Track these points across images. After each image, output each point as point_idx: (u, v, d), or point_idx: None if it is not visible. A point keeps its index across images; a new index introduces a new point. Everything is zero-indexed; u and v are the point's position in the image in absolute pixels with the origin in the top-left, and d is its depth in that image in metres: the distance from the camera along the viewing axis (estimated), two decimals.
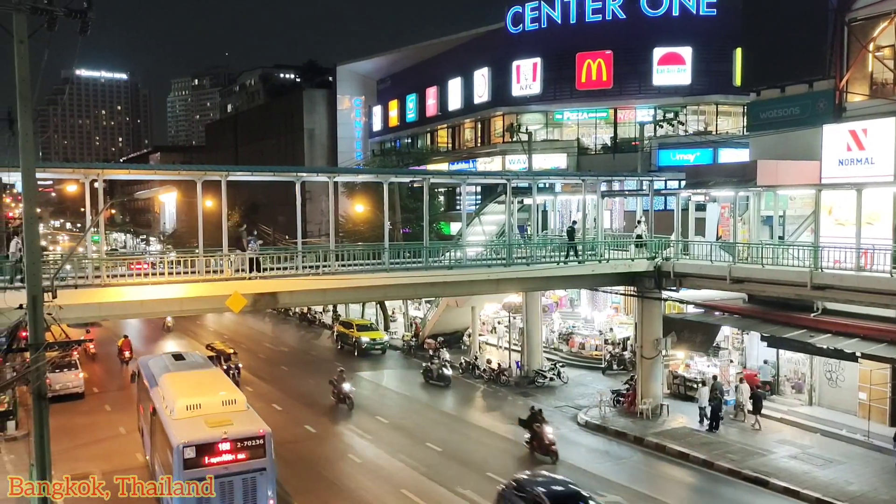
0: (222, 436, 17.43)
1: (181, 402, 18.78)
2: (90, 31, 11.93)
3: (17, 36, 11.27)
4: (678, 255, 28.13)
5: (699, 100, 45.44)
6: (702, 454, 23.46)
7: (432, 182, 31.19)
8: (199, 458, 17.06)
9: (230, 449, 17.42)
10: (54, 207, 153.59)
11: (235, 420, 18.34)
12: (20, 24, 11.29)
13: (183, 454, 16.95)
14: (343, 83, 70.57)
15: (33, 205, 12.19)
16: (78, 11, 11.64)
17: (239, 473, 17.40)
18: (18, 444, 25.11)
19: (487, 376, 34.48)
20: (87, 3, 11.65)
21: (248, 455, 17.56)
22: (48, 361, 11.90)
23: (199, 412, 18.58)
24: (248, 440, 17.71)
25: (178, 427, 17.84)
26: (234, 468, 17.37)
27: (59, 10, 11.47)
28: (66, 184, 70.91)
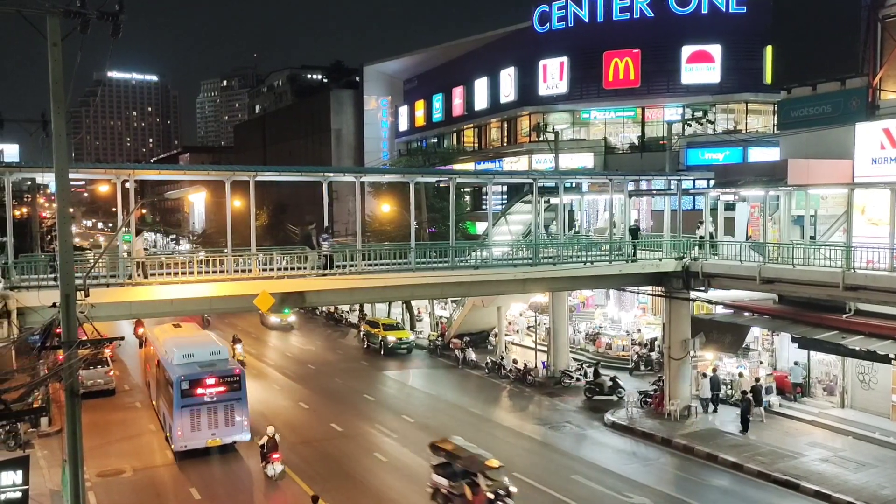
0: (208, 373, 24.48)
1: (178, 352, 25.61)
2: (122, 33, 12.09)
3: (51, 39, 11.44)
4: (707, 255, 27.85)
5: (728, 98, 44.89)
6: (731, 456, 23.20)
7: (458, 182, 31.19)
8: (192, 389, 24.14)
9: (214, 383, 24.41)
10: (87, 207, 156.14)
11: (219, 364, 25.39)
12: (53, 27, 11.46)
13: (180, 386, 23.94)
14: (370, 83, 70.82)
15: (67, 204, 12.38)
16: (110, 14, 11.80)
17: (221, 401, 24.37)
18: (52, 440, 25.56)
19: (513, 376, 34.40)
20: (118, 5, 11.80)
21: (227, 388, 24.55)
22: (81, 359, 12.07)
23: (192, 359, 25.41)
24: (228, 377, 24.72)
25: (177, 369, 24.69)
26: (218, 397, 24.33)
27: (92, 13, 11.63)
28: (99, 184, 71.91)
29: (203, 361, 25.35)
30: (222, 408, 24.39)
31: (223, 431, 24.41)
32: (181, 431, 23.91)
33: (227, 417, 24.39)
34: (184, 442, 23.98)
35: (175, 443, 24.17)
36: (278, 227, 66.89)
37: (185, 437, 24.00)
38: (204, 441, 24.25)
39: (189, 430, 23.97)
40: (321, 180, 25.00)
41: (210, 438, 24.27)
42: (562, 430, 27.17)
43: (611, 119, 48.51)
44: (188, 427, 23.93)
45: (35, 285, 19.09)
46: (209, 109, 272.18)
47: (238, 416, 24.54)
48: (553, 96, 49.06)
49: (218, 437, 24.37)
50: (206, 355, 25.79)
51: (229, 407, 24.49)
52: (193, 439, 24.08)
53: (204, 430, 24.15)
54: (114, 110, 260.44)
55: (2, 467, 11.57)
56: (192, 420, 23.92)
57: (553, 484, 21.59)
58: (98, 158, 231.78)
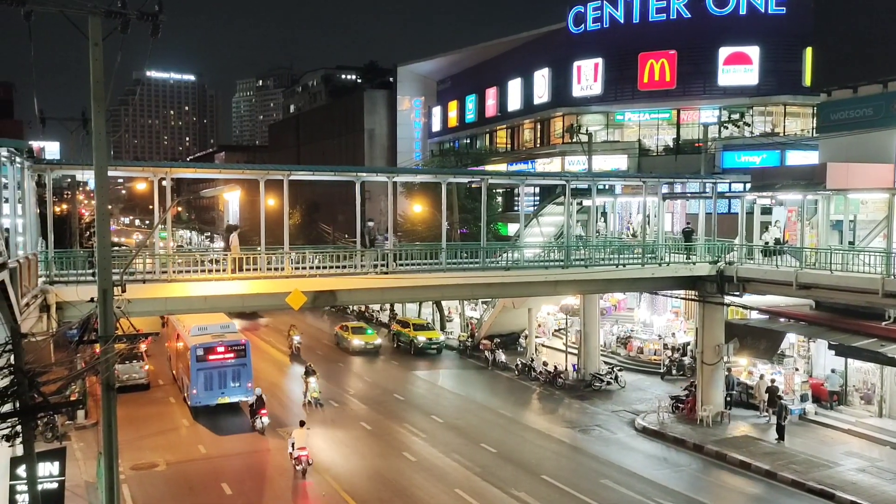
0: (219, 343, 29.29)
1: (195, 327, 30.27)
2: (161, 33, 12.27)
3: (92, 39, 11.62)
4: (742, 259, 27.45)
5: (766, 100, 44.20)
6: (764, 464, 22.83)
7: (490, 182, 31.12)
8: (206, 355, 28.86)
9: (224, 351, 29.22)
10: (124, 204, 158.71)
11: (228, 336, 30.12)
12: (95, 28, 11.64)
13: (196, 353, 28.77)
14: (403, 84, 71.00)
15: (105, 202, 12.58)
16: (150, 14, 11.96)
17: (229, 365, 29.06)
18: (87, 432, 26.04)
19: (543, 378, 34.24)
20: (158, 6, 11.97)
21: (235, 355, 29.31)
22: (117, 353, 12.25)
23: (206, 332, 30.01)
24: (235, 346, 29.61)
25: (193, 340, 29.47)
26: (227, 363, 29.03)
27: (132, 13, 11.81)
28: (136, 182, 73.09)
29: (215, 333, 30.11)
30: (230, 371, 29.14)
31: (231, 391, 29.19)
32: (196, 391, 28.72)
33: (234, 379, 29.11)
34: (199, 399, 28.78)
35: (192, 400, 29.08)
36: (311, 226, 67.38)
37: (200, 395, 28.77)
38: (215, 399, 28.94)
39: (203, 390, 28.75)
40: (354, 180, 25.15)
41: (220, 397, 29.00)
42: (591, 434, 26.98)
43: (645, 121, 48.04)
44: (202, 387, 28.68)
45: (74, 280, 19.47)
46: (244, 109, 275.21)
47: (243, 378, 29.33)
48: (587, 97, 48.74)
49: (227, 396, 29.09)
50: (218, 329, 30.50)
51: (236, 371, 29.22)
52: (207, 398, 28.85)
53: (215, 389, 28.93)
54: (152, 109, 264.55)
55: (39, 458, 11.79)
56: (206, 381, 28.73)
57: (582, 488, 21.44)
58: (136, 156, 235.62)
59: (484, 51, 61.07)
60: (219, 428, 27.74)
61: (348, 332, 42.88)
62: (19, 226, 18.77)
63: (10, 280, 12.77)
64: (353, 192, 24.97)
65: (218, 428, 27.73)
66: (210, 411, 29.13)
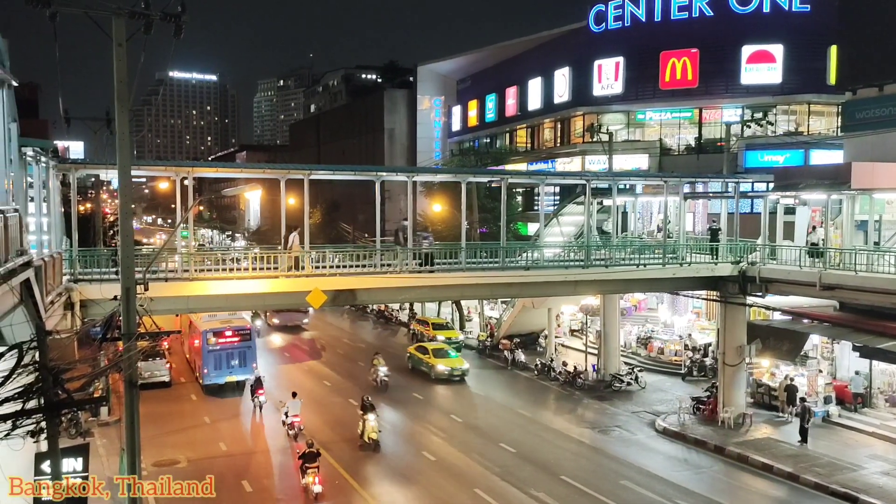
0: (227, 327, 32.54)
1: (206, 314, 32.96)
2: (183, 34, 12.37)
3: (116, 39, 11.75)
4: (765, 259, 27.19)
5: (790, 99, 43.75)
6: (787, 467, 22.59)
7: (510, 182, 31.06)
8: (215, 339, 32.09)
9: (231, 335, 32.44)
10: (147, 203, 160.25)
11: (236, 322, 33.25)
12: (119, 28, 11.76)
13: (206, 336, 32.07)
14: (423, 83, 71.08)
15: (129, 201, 12.71)
16: (172, 15, 12.07)
17: (236, 348, 32.34)
18: (110, 429, 26.32)
19: (563, 379, 34.12)
20: (181, 7, 12.08)
21: (241, 338, 32.57)
22: (139, 351, 12.37)
23: (216, 318, 33.23)
24: (241, 330, 32.89)
25: (204, 325, 32.86)
26: (233, 345, 32.34)
27: (156, 14, 11.92)
28: (159, 181, 73.83)
29: (223, 319, 33.17)
30: (237, 353, 32.40)
31: (237, 371, 32.32)
32: (207, 370, 32.06)
33: (240, 360, 32.34)
34: (210, 379, 32.08)
35: (204, 379, 32.36)
36: (331, 225, 67.66)
37: (210, 374, 32.07)
38: (224, 378, 32.16)
39: (213, 370, 32.02)
40: (374, 179, 25.21)
41: (228, 376, 32.17)
42: (611, 435, 26.85)
43: (667, 120, 47.74)
44: (212, 367, 32.02)
45: (97, 278, 19.69)
46: (265, 108, 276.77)
47: (249, 359, 32.65)
48: (608, 97, 48.51)
49: (234, 375, 32.27)
50: (226, 315, 33.21)
51: (242, 353, 32.53)
52: (217, 377, 32.09)
53: (224, 369, 32.14)
54: (174, 109, 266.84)
55: (63, 454, 11.92)
56: (216, 362, 32.07)
57: (601, 488, 21.35)
58: (158, 156, 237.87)
59: (504, 50, 60.97)
60: (242, 429, 27.94)
61: (428, 356, 35.30)
62: (44, 224, 19.01)
63: (36, 278, 12.93)
64: (373, 191, 25.04)
65: (242, 429, 27.93)
66: (231, 413, 29.28)
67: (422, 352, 36.29)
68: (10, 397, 9.24)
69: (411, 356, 36.82)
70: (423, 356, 35.80)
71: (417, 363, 36.11)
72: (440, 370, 34.49)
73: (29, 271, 12.09)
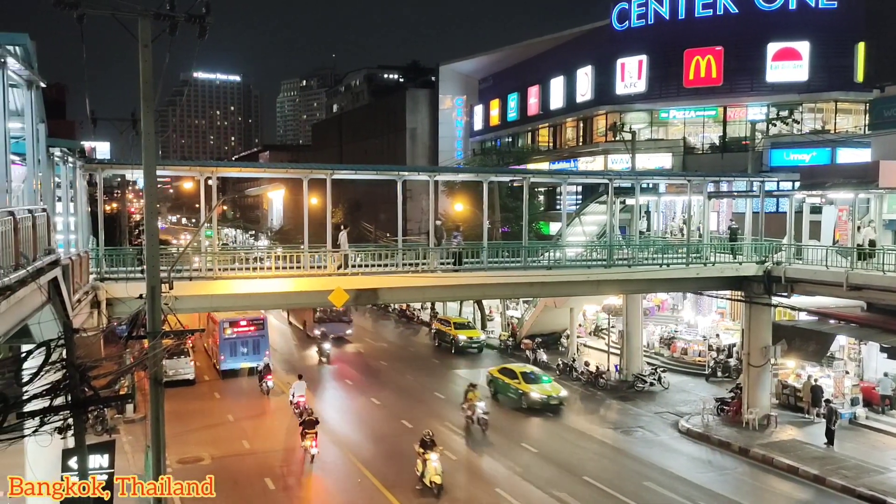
0: (242, 317, 35.11)
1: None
2: (207, 35, 12.47)
3: (142, 40, 11.87)
4: (790, 259, 26.87)
5: (816, 97, 43.16)
6: (813, 469, 22.31)
7: (532, 181, 30.99)
8: (231, 328, 34.94)
9: (246, 325, 35.16)
10: (171, 203, 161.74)
11: (250, 312, 34.77)
12: (144, 30, 11.89)
13: (223, 326, 34.80)
14: (445, 83, 71.09)
15: (154, 200, 12.83)
16: (197, 16, 12.17)
17: (250, 336, 35.16)
18: (136, 426, 26.63)
19: (585, 379, 33.97)
20: (205, 8, 12.17)
21: (255, 328, 35.38)
22: (164, 349, 12.49)
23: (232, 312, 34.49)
24: (255, 320, 35.58)
25: (221, 315, 34.88)
26: (248, 334, 35.17)
27: (181, 16, 12.02)
28: (183, 181, 74.58)
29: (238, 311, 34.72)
30: (251, 341, 35.18)
31: (251, 358, 34.97)
32: (223, 357, 35.01)
33: (253, 348, 35.03)
34: (226, 365, 35.06)
35: (221, 366, 35.24)
36: (353, 224, 67.91)
37: (227, 361, 35.02)
38: (239, 364, 35.13)
39: (229, 356, 35.00)
40: (396, 179, 25.27)
41: (243, 362, 35.14)
42: (634, 435, 26.68)
43: (690, 118, 47.33)
44: (228, 353, 34.98)
45: (123, 277, 19.93)
46: (288, 108, 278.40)
47: (262, 348, 35.20)
48: (631, 95, 48.21)
49: (248, 362, 35.08)
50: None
51: (256, 341, 35.27)
52: (232, 363, 35.10)
53: (238, 356, 35.06)
54: (199, 109, 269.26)
55: (90, 451, 12.07)
56: (231, 349, 34.99)
57: (624, 489, 21.23)
58: (183, 156, 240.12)
59: (526, 49, 60.81)
60: (263, 428, 28.15)
61: (518, 381, 29.88)
62: (72, 224, 19.28)
63: (63, 277, 13.11)
64: (395, 190, 25.10)
65: (262, 428, 28.15)
66: (254, 412, 29.51)
67: (510, 376, 30.62)
68: (38, 394, 9.36)
69: (494, 380, 31.27)
70: (511, 380, 30.21)
71: (504, 389, 30.63)
72: (535, 398, 29.06)
73: (56, 270, 12.26)
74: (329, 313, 43.79)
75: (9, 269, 8.83)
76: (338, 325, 45.10)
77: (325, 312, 43.87)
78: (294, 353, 42.41)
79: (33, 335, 11.41)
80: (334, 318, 44.29)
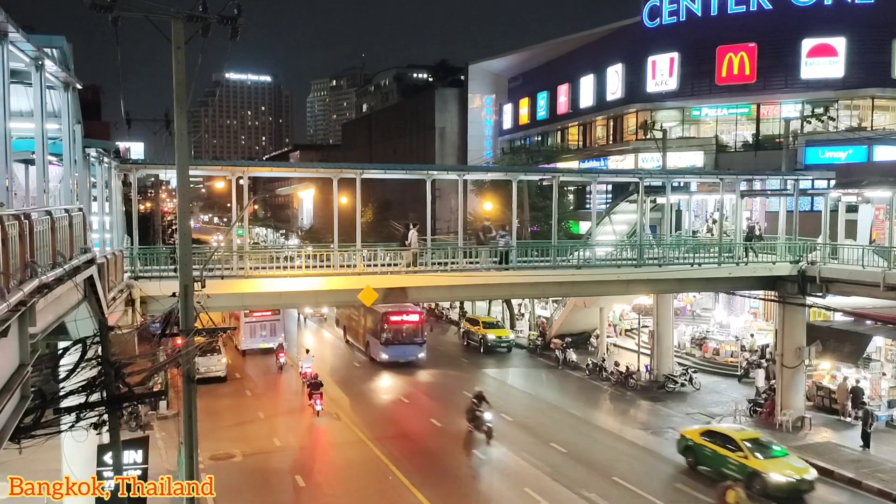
0: None
1: None
2: (239, 36, 12.61)
3: (175, 42, 12.04)
4: (825, 259, 26.42)
5: (852, 93, 42.38)
6: (848, 472, 21.92)
7: (562, 180, 30.84)
8: (251, 312, 38.51)
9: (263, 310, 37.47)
10: (203, 202, 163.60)
11: None
12: (177, 32, 12.05)
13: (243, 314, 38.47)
14: (474, 82, 70.99)
15: (187, 200, 13.01)
16: (229, 18, 12.31)
17: (267, 321, 39.89)
18: (169, 422, 26.98)
19: (615, 379, 33.72)
20: (237, 9, 12.30)
21: (272, 313, 39.25)
22: (197, 346, 12.65)
23: None
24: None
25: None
26: (266, 319, 39.85)
27: (213, 17, 12.16)
28: (215, 180, 75.31)
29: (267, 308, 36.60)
30: (268, 325, 39.80)
31: (268, 339, 39.79)
32: (244, 338, 39.84)
33: (270, 331, 39.85)
34: (246, 345, 39.92)
35: (241, 345, 39.96)
36: (382, 223, 68.13)
37: (247, 341, 39.88)
38: (257, 345, 39.93)
39: (248, 338, 39.88)
40: (425, 178, 25.31)
41: (260, 343, 39.91)
42: (664, 436, 26.41)
43: (723, 116, 46.77)
44: (248, 335, 39.83)
45: (157, 276, 20.21)
46: (319, 108, 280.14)
47: (277, 331, 39.98)
48: (662, 93, 47.79)
49: (265, 343, 39.78)
50: None
51: (273, 325, 39.93)
52: (251, 343, 39.97)
53: (257, 337, 39.89)
54: (230, 110, 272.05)
55: (124, 446, 12.29)
56: (250, 331, 39.86)
57: (654, 491, 21.03)
58: (215, 156, 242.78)
59: (556, 47, 60.54)
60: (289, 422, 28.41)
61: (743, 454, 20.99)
62: (107, 223, 19.59)
63: (98, 275, 13.32)
64: (424, 190, 25.14)
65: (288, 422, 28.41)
66: (284, 410, 29.73)
67: (722, 443, 21.75)
68: (74, 390, 9.55)
69: (695, 448, 22.64)
70: (730, 452, 21.25)
71: (715, 462, 21.79)
72: (777, 482, 20.02)
73: (92, 268, 12.45)
74: (399, 333, 37.47)
75: (46, 267, 9.00)
76: (408, 349, 37.47)
77: (394, 331, 37.43)
78: (360, 387, 33.88)
79: (70, 332, 11.61)
80: (405, 340, 37.46)
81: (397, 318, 37.69)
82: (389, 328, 37.50)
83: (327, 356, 41.12)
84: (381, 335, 37.46)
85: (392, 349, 37.23)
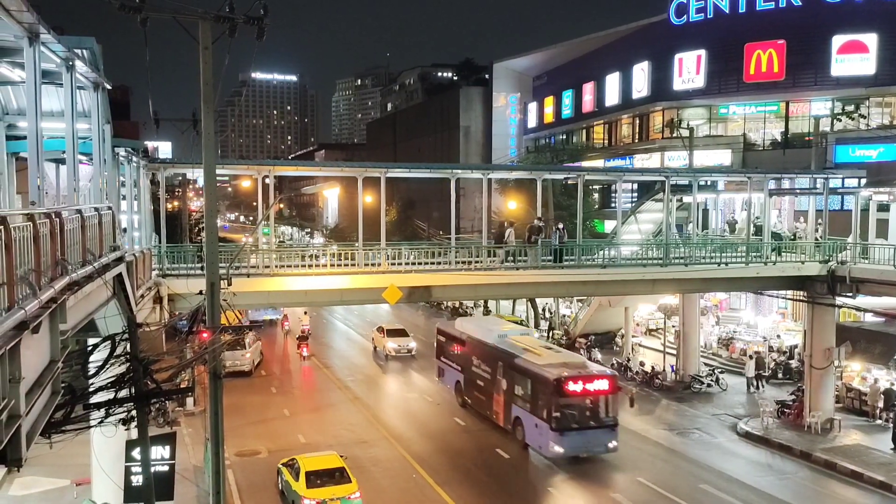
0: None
1: None
2: (265, 36, 12.70)
3: (202, 42, 12.17)
4: (856, 258, 26.02)
5: (884, 91, 41.64)
6: (879, 475, 21.56)
7: (587, 179, 30.68)
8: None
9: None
10: (230, 201, 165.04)
11: None
12: (205, 32, 12.17)
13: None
14: (499, 80, 70.84)
15: (214, 198, 13.13)
16: (255, 18, 12.42)
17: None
18: (195, 419, 27.27)
19: (640, 379, 33.49)
20: (263, 10, 12.40)
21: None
22: (223, 343, 12.76)
23: None
24: None
25: None
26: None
27: (240, 18, 12.27)
28: (241, 179, 76.03)
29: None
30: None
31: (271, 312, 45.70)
32: (250, 311, 38.92)
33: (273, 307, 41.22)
34: (251, 316, 40.72)
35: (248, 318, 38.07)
36: (407, 222, 68.27)
37: (252, 313, 40.76)
38: (262, 316, 45.04)
39: (254, 311, 41.37)
40: (449, 177, 25.31)
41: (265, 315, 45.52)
42: (690, 437, 26.21)
43: (751, 114, 46.21)
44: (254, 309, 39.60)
45: (184, 274, 20.43)
46: (343, 108, 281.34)
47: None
48: (688, 91, 47.33)
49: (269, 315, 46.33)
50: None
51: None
52: (257, 315, 43.25)
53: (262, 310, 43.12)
54: (256, 109, 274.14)
55: (152, 442, 12.44)
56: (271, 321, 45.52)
57: (680, 492, 20.88)
58: (241, 155, 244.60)
59: (581, 45, 60.21)
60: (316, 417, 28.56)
61: None
62: (135, 221, 19.85)
63: (127, 273, 13.50)
64: (448, 188, 25.16)
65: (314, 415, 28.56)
66: (309, 407, 29.84)
67: None
68: (104, 386, 9.68)
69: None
70: None
71: None
72: None
73: (121, 266, 12.62)
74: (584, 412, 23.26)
75: (77, 265, 9.14)
76: (595, 436, 23.33)
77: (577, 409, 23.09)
78: None
79: (99, 329, 11.78)
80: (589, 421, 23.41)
81: (578, 385, 22.94)
82: (567, 402, 22.98)
83: (432, 428, 27.21)
84: (551, 413, 22.65)
85: (571, 438, 22.82)
